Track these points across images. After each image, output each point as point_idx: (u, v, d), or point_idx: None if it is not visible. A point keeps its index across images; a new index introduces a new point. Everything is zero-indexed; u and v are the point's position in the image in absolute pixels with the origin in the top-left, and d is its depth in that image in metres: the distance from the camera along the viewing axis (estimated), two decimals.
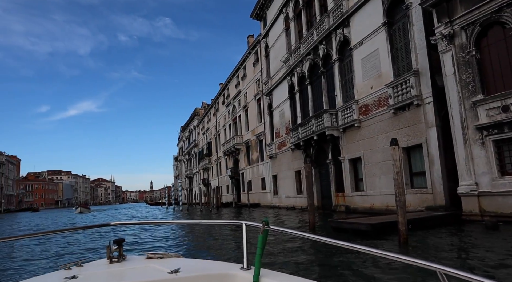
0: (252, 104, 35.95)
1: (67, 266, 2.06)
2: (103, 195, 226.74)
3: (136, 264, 2.11)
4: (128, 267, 2.08)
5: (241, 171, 39.32)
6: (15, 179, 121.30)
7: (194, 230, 13.98)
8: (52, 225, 26.27)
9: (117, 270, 2.03)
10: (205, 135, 59.67)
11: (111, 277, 1.92)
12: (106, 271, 2.01)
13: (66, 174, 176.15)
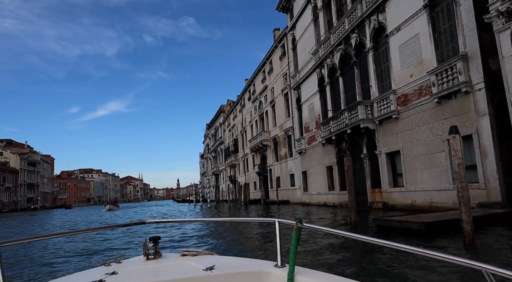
0: (279, 99, 35.19)
1: (107, 263, 2.12)
2: (132, 192, 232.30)
3: (171, 261, 2.14)
4: (164, 264, 2.11)
5: (269, 167, 38.69)
6: (49, 177, 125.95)
7: (221, 227, 13.72)
8: (84, 221, 26.62)
9: (153, 266, 2.07)
10: (231, 132, 59.41)
11: (149, 273, 1.96)
12: (144, 268, 2.05)
13: (97, 172, 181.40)
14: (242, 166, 52.61)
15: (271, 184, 38.14)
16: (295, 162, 30.94)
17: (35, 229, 21.20)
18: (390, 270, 5.41)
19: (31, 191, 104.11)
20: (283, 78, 33.98)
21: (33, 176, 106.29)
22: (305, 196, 28.54)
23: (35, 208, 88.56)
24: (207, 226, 14.18)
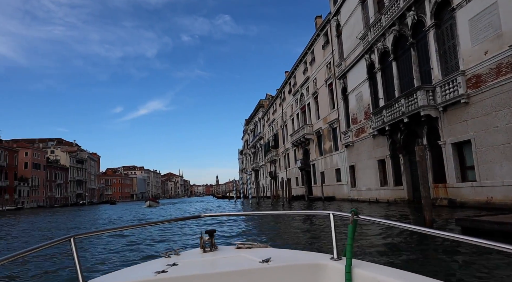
0: (322, 90, 33.43)
1: (167, 254, 2.19)
2: (173, 188, 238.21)
3: (227, 254, 2.16)
4: (221, 256, 2.13)
5: (312, 162, 37.09)
6: (96, 174, 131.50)
7: (265, 222, 13.99)
8: (125, 216, 26.62)
9: (210, 259, 2.10)
10: (271, 127, 58.18)
11: (207, 265, 1.99)
12: (201, 260, 2.10)
13: (139, 169, 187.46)
14: (283, 161, 51.28)
15: (315, 180, 36.53)
16: (341, 156, 29.16)
17: (86, 224, 21.22)
18: (462, 267, 5.10)
19: (79, 187, 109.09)
20: (327, 68, 32.18)
21: (81, 173, 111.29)
22: (353, 192, 26.75)
23: (84, 203, 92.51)
24: (248, 220, 14.54)
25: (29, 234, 16.01)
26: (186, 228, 13.05)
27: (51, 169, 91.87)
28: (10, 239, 13.82)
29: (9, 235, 15.48)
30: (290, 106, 45.70)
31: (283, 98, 49.90)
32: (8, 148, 75.36)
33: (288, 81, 46.18)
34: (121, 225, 6.48)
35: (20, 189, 77.34)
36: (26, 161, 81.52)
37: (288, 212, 6.09)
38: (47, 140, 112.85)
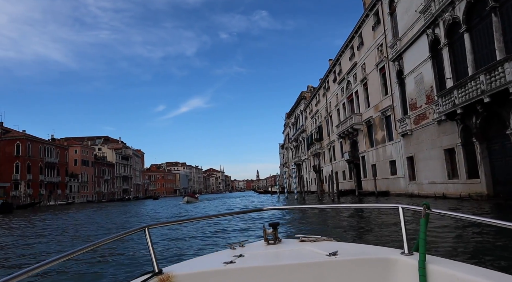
0: (373, 76, 30.62)
1: (232, 246, 2.22)
2: (214, 184, 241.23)
3: (292, 246, 2.16)
4: (285, 248, 2.13)
5: (361, 154, 34.39)
6: (140, 170, 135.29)
7: (307, 216, 14.15)
8: (162, 212, 25.75)
9: (275, 251, 2.10)
10: (314, 119, 55.66)
11: (272, 257, 1.99)
12: (266, 252, 2.09)
13: (182, 165, 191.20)
14: (327, 154, 48.72)
15: (365, 173, 33.85)
16: (397, 146, 26.38)
17: (130, 218, 20.50)
18: None
19: (125, 183, 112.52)
20: (378, 51, 29.34)
21: (127, 169, 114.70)
22: (412, 186, 23.97)
23: (129, 199, 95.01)
24: (294, 214, 14.69)
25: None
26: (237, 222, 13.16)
27: (99, 165, 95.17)
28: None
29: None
30: (335, 96, 43.02)
31: (327, 88, 47.25)
32: (59, 145, 78.64)
33: (333, 70, 43.47)
34: (189, 217, 7.84)
35: (71, 184, 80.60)
36: (75, 157, 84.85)
37: (353, 205, 6.72)
38: (95, 138, 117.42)
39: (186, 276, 1.74)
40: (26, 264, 7.14)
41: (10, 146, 64.51)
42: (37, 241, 11.71)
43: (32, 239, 12.39)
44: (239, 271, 1.76)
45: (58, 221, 21.77)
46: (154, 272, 1.73)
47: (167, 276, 1.72)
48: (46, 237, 12.76)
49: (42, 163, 70.02)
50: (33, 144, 68.00)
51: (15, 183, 63.06)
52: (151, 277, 1.68)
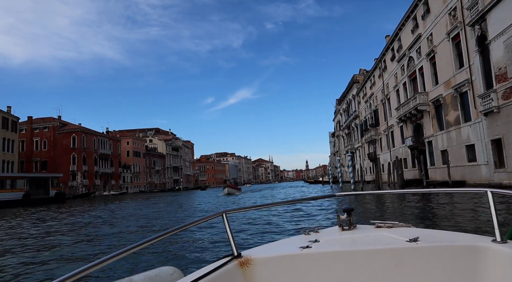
0: (443, 47, 26.25)
1: (307, 232, 2.20)
2: (263, 174, 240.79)
3: (367, 232, 2.10)
4: (361, 234, 2.07)
5: (427, 138, 30.16)
6: (190, 161, 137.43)
7: (382, 202, 14.59)
8: (203, 202, 23.94)
9: (351, 237, 2.05)
10: (368, 103, 51.26)
11: (349, 243, 1.95)
12: (342, 237, 2.05)
13: (231, 155, 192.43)
14: (384, 141, 44.46)
15: (432, 160, 29.65)
16: (476, 127, 22.18)
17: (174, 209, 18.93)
18: None
19: (176, 173, 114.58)
20: (449, 17, 24.95)
21: (177, 159, 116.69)
22: (500, 175, 19.83)
23: (179, 189, 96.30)
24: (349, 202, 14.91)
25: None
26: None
27: (150, 156, 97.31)
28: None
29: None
30: (394, 75, 38.61)
31: (383, 68, 42.77)
32: (112, 137, 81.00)
33: (390, 47, 38.99)
34: (266, 203, 5.61)
35: (124, 175, 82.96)
36: (128, 149, 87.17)
37: (440, 190, 3.16)
38: (146, 130, 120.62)
39: (264, 260, 1.77)
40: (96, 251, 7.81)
41: (67, 138, 67.13)
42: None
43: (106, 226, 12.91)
44: (316, 255, 1.76)
45: (122, 211, 21.44)
46: (234, 255, 1.77)
47: (246, 259, 1.76)
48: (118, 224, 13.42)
49: (97, 154, 72.35)
50: (87, 136, 70.32)
51: (72, 173, 65.65)
52: (231, 260, 1.72)
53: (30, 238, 10.54)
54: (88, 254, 7.51)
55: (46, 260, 7.03)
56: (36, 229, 13.03)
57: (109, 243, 8.83)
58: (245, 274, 1.71)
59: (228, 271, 1.64)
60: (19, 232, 12.28)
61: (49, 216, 19.85)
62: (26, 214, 22.10)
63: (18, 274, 5.94)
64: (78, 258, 7.14)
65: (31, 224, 15.18)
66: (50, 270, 6.17)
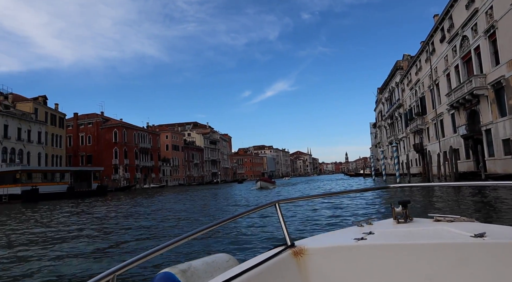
0: (506, 22, 23.24)
1: (359, 223, 2.16)
2: (302, 167, 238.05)
3: (425, 226, 1.99)
4: (419, 228, 1.97)
5: (484, 126, 27.19)
6: (228, 154, 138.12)
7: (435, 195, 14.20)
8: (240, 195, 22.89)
9: (407, 230, 1.97)
10: (414, 90, 47.87)
11: (406, 236, 1.87)
12: (397, 230, 1.98)
13: (268, 148, 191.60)
14: (433, 130, 41.22)
15: (490, 151, 26.68)
16: None
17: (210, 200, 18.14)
18: None
19: (214, 166, 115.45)
20: None
21: (215, 153, 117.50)
22: None
23: (217, 182, 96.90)
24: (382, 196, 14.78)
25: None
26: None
27: (188, 150, 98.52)
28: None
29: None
30: (444, 58, 35.38)
31: (431, 51, 39.46)
32: (151, 131, 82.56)
33: (440, 27, 35.72)
34: (318, 193, 5.48)
35: (163, 168, 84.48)
36: (166, 143, 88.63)
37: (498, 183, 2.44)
38: (185, 124, 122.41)
39: (318, 250, 1.76)
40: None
41: (109, 133, 69.09)
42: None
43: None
44: (371, 247, 1.72)
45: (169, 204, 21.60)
46: (287, 245, 1.77)
47: (300, 249, 1.76)
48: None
49: (137, 148, 73.99)
50: (128, 130, 72.02)
51: (115, 167, 67.54)
52: (284, 250, 1.72)
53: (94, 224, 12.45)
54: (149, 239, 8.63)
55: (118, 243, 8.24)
56: (96, 217, 15.00)
57: (163, 230, 10.07)
58: (299, 263, 1.71)
59: (282, 260, 1.65)
60: (94, 220, 14.00)
61: (98, 206, 21.53)
62: (80, 205, 23.47)
63: (96, 252, 7.18)
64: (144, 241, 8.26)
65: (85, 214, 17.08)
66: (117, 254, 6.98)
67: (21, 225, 13.61)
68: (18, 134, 47.07)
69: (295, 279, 1.66)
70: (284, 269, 1.62)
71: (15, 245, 8.65)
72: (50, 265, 6.22)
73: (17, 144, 46.64)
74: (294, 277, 1.66)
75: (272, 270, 1.54)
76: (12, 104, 50.16)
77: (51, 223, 13.75)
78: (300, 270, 1.69)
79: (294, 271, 1.67)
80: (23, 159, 47.10)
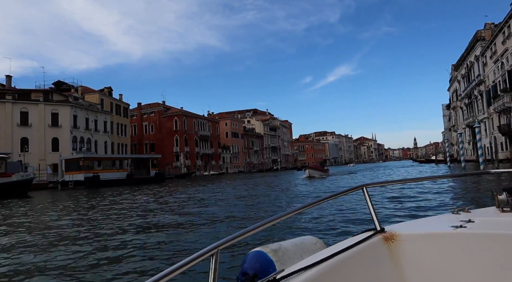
0: None
1: (455, 211, 2.07)
2: (366, 153, 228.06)
3: None
4: None
5: None
6: (288, 140, 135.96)
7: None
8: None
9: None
10: (500, 63, 41.39)
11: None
12: (502, 219, 1.82)
13: (330, 134, 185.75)
14: None
15: None
16: None
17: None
18: None
19: (274, 153, 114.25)
20: None
21: (275, 139, 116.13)
22: None
23: (277, 169, 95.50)
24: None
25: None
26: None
27: (248, 137, 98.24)
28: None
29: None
30: None
31: None
32: (210, 119, 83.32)
33: None
34: (406, 178, 7.29)
35: (223, 156, 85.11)
36: (226, 130, 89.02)
37: None
38: (244, 111, 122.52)
39: (411, 236, 1.70)
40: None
41: (170, 121, 70.78)
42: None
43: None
44: (472, 236, 1.61)
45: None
46: (377, 230, 1.73)
47: (391, 235, 1.71)
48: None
49: (197, 136, 75.07)
50: (188, 118, 73.21)
51: (176, 154, 69.19)
52: (374, 234, 1.69)
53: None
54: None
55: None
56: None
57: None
58: (390, 249, 1.67)
59: (372, 245, 1.62)
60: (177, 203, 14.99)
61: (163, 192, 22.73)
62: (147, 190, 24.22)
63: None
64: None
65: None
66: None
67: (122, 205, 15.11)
68: (86, 124, 49.61)
69: (387, 264, 1.62)
70: (374, 254, 1.58)
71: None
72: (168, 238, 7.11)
73: (85, 133, 49.18)
74: (386, 262, 1.62)
75: (363, 254, 1.53)
76: (81, 96, 52.99)
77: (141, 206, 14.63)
78: (392, 255, 1.64)
79: (386, 257, 1.63)
80: (91, 148, 49.64)
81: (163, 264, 5.24)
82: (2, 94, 43.58)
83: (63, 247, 6.70)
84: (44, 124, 43.93)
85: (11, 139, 41.27)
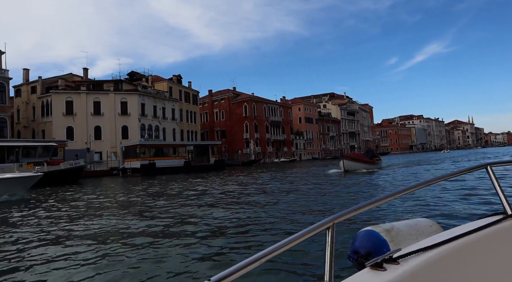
0: None
1: None
2: (461, 138, 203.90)
3: None
4: None
5: None
6: (369, 125, 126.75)
7: None
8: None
9: None
10: None
11: None
12: None
13: (418, 118, 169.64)
14: None
15: None
16: None
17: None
18: None
19: (352, 139, 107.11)
20: None
21: (353, 124, 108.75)
22: None
23: None
24: None
25: None
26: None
27: (323, 122, 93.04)
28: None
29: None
30: None
31: None
32: (282, 104, 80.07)
33: None
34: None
35: (296, 142, 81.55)
36: (299, 115, 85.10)
37: None
38: (321, 95, 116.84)
39: None
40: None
41: (239, 107, 69.39)
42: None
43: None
44: None
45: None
46: (507, 214, 1.57)
47: None
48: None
49: (268, 122, 72.61)
50: (257, 104, 71.03)
51: (246, 141, 67.74)
52: (504, 219, 1.53)
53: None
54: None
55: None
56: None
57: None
58: None
59: (501, 231, 1.47)
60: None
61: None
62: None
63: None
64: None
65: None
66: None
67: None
68: (154, 112, 50.24)
69: None
70: (503, 241, 1.44)
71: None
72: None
73: (153, 121, 49.83)
74: None
75: (488, 240, 1.40)
76: (150, 85, 53.95)
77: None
78: None
79: None
80: (160, 135, 50.21)
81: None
82: (78, 86, 45.98)
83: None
84: (114, 113, 45.27)
85: (85, 128, 43.25)
